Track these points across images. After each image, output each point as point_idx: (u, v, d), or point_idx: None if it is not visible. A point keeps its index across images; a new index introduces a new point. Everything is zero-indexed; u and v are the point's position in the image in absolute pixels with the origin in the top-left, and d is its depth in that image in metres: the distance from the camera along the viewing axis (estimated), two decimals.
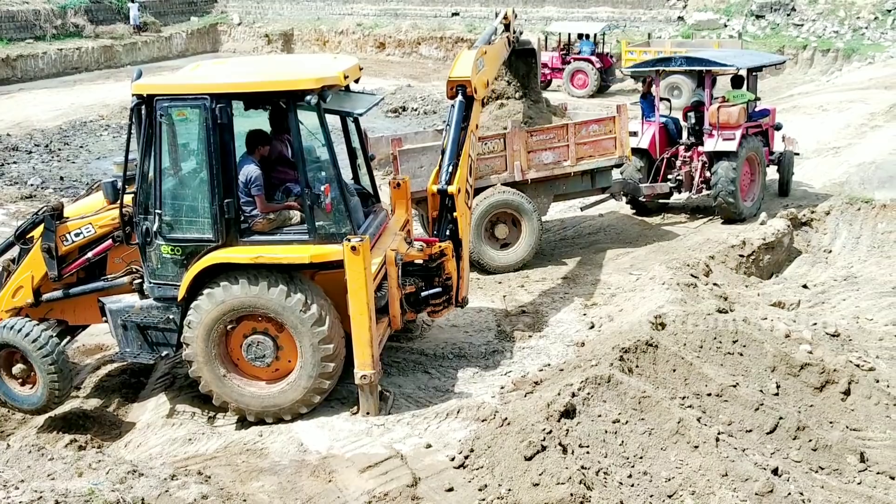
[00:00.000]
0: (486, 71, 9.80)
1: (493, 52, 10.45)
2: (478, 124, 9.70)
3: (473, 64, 9.32)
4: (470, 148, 9.28)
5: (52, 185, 18.83)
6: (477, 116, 9.59)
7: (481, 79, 9.54)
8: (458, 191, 8.90)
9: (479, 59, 9.50)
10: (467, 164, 9.21)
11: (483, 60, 9.69)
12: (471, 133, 9.32)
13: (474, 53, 9.48)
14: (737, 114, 13.97)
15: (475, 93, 9.29)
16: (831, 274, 12.07)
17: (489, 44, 10.49)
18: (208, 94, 7.50)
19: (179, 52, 42.19)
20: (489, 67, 10.06)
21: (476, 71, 9.34)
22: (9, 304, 8.77)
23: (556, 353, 9.19)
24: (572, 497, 6.06)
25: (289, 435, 7.73)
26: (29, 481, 6.22)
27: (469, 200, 9.39)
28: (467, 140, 9.22)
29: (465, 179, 9.13)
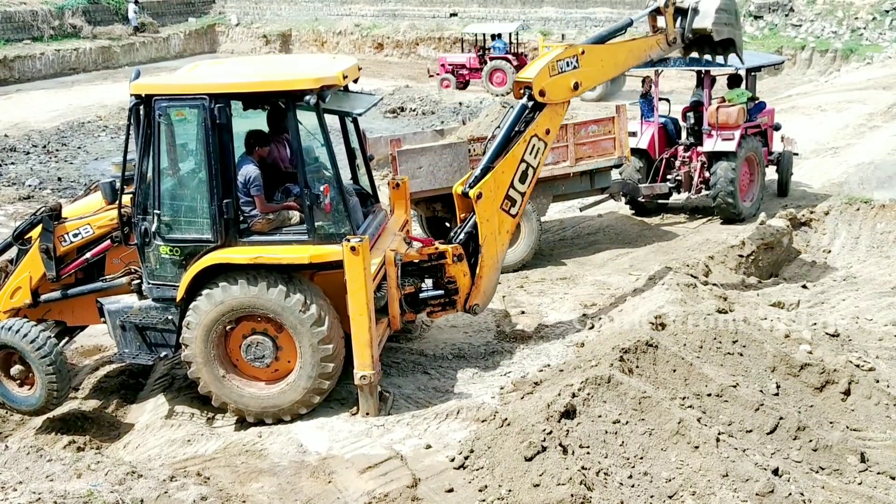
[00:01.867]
0: (577, 73, 8.92)
1: (602, 54, 9.36)
2: (549, 129, 8.95)
3: (546, 66, 8.72)
4: (527, 153, 8.76)
5: (50, 186, 18.80)
6: (547, 122, 8.92)
7: (559, 82, 8.82)
8: (477, 196, 8.54)
9: (562, 61, 8.83)
10: (512, 169, 8.69)
11: (576, 62, 8.91)
12: (529, 138, 8.78)
13: (556, 54, 8.88)
14: (736, 114, 13.97)
15: (542, 96, 8.73)
16: (831, 274, 12.06)
17: (601, 42, 9.50)
18: (207, 94, 7.48)
19: (177, 52, 42.18)
20: (590, 69, 9.11)
21: (549, 73, 8.73)
22: (7, 304, 8.74)
23: (555, 353, 9.17)
24: (573, 498, 6.05)
25: (288, 436, 7.71)
26: (27, 482, 6.20)
27: (515, 209, 8.85)
28: (519, 145, 8.72)
29: (500, 186, 8.64)
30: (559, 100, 8.95)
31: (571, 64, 8.91)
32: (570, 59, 8.88)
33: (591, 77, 9.23)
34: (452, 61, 30.92)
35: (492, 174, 8.59)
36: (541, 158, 8.96)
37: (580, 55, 8.97)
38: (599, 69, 9.33)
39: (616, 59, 9.55)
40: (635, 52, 9.73)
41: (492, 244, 8.69)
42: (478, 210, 8.55)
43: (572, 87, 8.94)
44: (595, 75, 9.36)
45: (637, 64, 9.68)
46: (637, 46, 9.82)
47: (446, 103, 27.37)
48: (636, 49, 9.77)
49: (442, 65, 31.18)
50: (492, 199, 8.60)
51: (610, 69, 9.62)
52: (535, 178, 8.99)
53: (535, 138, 8.80)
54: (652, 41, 9.82)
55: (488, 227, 8.63)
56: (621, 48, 9.66)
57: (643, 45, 9.80)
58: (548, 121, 8.93)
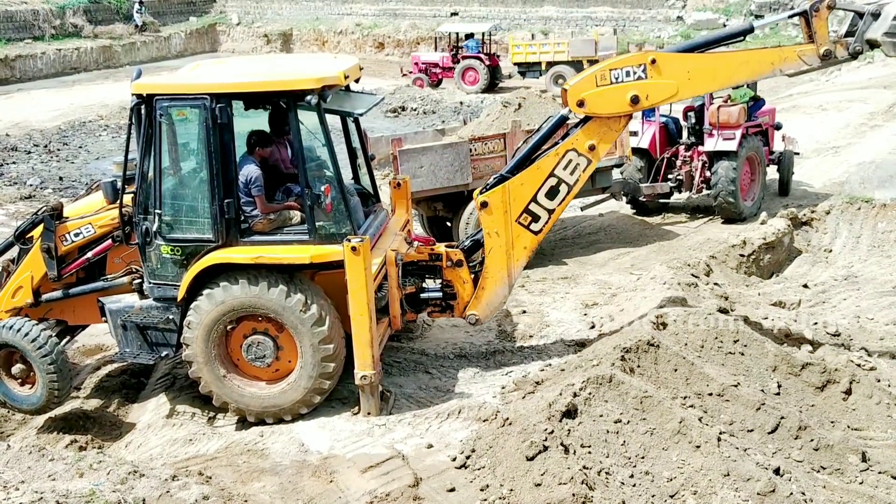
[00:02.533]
0: (641, 85, 7.74)
1: (689, 64, 7.83)
2: (594, 146, 7.86)
3: (593, 74, 7.75)
4: (560, 168, 7.90)
5: (52, 186, 18.81)
6: (591, 136, 7.86)
7: (608, 93, 7.72)
8: (482, 204, 8.02)
9: (619, 70, 7.71)
10: (536, 182, 7.94)
11: (643, 72, 7.69)
12: (564, 152, 7.89)
13: (613, 61, 7.84)
14: (737, 113, 13.97)
15: (580, 107, 7.78)
16: (832, 273, 12.06)
17: (696, 49, 8.13)
18: (208, 93, 7.48)
19: (178, 52, 42.21)
20: (664, 82, 7.75)
21: (596, 83, 7.73)
22: (8, 304, 8.74)
23: (556, 352, 9.17)
24: (574, 497, 6.05)
25: (290, 435, 7.71)
26: (29, 482, 6.21)
27: (538, 225, 8.07)
28: (549, 157, 7.93)
29: (517, 198, 7.97)
30: (606, 113, 7.82)
31: (634, 74, 7.73)
32: (632, 69, 7.73)
33: (664, 91, 7.79)
34: (426, 60, 31.36)
35: (506, 185, 7.96)
36: (581, 176, 7.95)
37: (648, 64, 7.70)
38: (685, 81, 7.80)
39: (717, 71, 7.91)
40: (754, 66, 7.97)
41: (500, 258, 8.11)
42: (482, 220, 8.12)
43: (629, 101, 7.70)
44: (674, 89, 7.80)
45: (753, 79, 8.34)
46: (760, 58, 7.96)
47: (447, 103, 27.38)
48: (757, 61, 7.94)
49: (415, 63, 31.65)
50: (501, 211, 7.99)
51: (704, 82, 8.03)
52: (571, 197, 8.10)
53: (572, 153, 7.87)
54: (790, 52, 7.95)
55: (495, 240, 8.07)
56: (731, 59, 7.97)
57: (772, 57, 7.92)
58: (593, 135, 7.86)
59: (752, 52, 8.09)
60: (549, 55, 29.54)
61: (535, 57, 29.88)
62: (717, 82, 8.21)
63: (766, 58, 7.93)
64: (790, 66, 7.92)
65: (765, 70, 7.96)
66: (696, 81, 7.88)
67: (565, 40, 30.20)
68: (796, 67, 7.98)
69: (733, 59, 7.94)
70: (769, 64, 7.92)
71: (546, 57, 29.53)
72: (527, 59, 30.06)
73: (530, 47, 30.16)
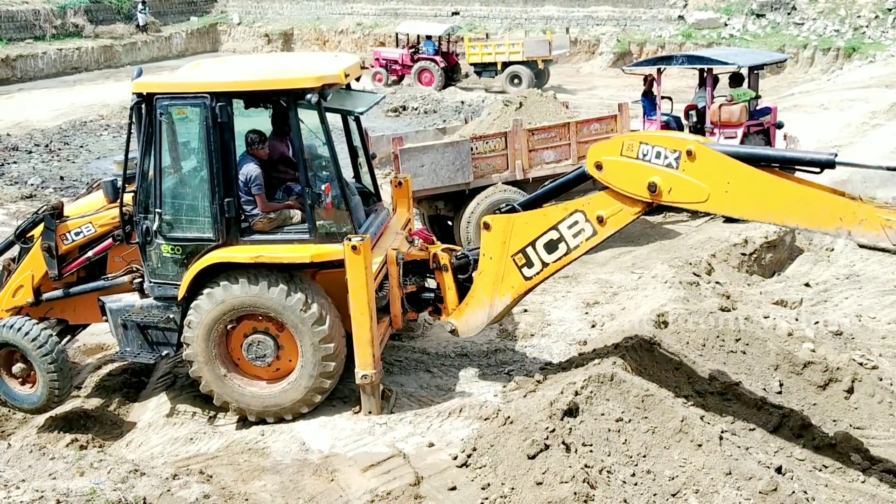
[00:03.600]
0: (666, 176, 6.43)
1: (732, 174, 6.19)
2: (602, 218, 6.90)
3: (622, 140, 6.75)
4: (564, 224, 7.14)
5: (52, 185, 18.80)
6: (601, 206, 6.93)
7: (628, 168, 6.62)
8: (484, 224, 7.52)
9: (649, 146, 6.49)
10: (538, 229, 7.27)
11: (674, 161, 6.38)
12: (572, 210, 7.07)
13: (647, 134, 6.90)
14: (738, 112, 13.95)
15: (598, 170, 6.84)
16: (833, 272, 12.03)
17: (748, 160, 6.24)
18: (208, 92, 7.46)
19: (179, 51, 42.23)
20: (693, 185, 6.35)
21: (620, 150, 6.67)
22: (9, 303, 8.75)
23: (558, 351, 9.16)
24: (576, 496, 6.03)
25: (290, 434, 7.70)
26: (30, 481, 6.20)
27: (530, 271, 7.44)
28: (556, 209, 7.22)
29: (517, 234, 7.38)
30: (621, 188, 6.72)
31: (664, 158, 6.39)
32: (665, 151, 6.40)
33: (691, 193, 6.36)
34: (386, 56, 31.86)
35: (512, 217, 7.44)
36: (582, 244, 7.12)
37: (684, 153, 6.29)
38: (720, 192, 6.22)
39: (765, 196, 6.09)
40: (815, 211, 5.94)
41: (487, 283, 7.64)
42: (482, 239, 7.66)
43: (647, 187, 6.51)
44: (703, 195, 6.31)
45: (807, 228, 6.14)
46: (828, 206, 5.91)
47: (448, 102, 27.38)
48: (823, 208, 5.92)
49: (377, 59, 32.27)
50: (499, 239, 7.45)
51: (744, 202, 6.21)
52: (568, 260, 7.34)
53: (580, 215, 7.02)
54: (871, 215, 5.75)
55: (487, 265, 7.60)
56: (789, 190, 6.04)
57: (843, 212, 5.84)
58: (604, 206, 6.89)
59: (822, 194, 5.97)
60: (505, 55, 29.86)
61: (490, 57, 30.25)
62: (760, 210, 6.16)
63: (835, 208, 5.85)
64: (864, 234, 5.80)
65: (827, 224, 5.89)
66: (735, 198, 6.20)
67: (519, 41, 30.58)
68: (873, 239, 5.82)
69: (792, 192, 6.00)
70: (836, 218, 5.83)
71: (501, 57, 29.91)
72: (482, 59, 30.48)
73: (486, 48, 30.65)
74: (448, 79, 30.89)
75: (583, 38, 36.94)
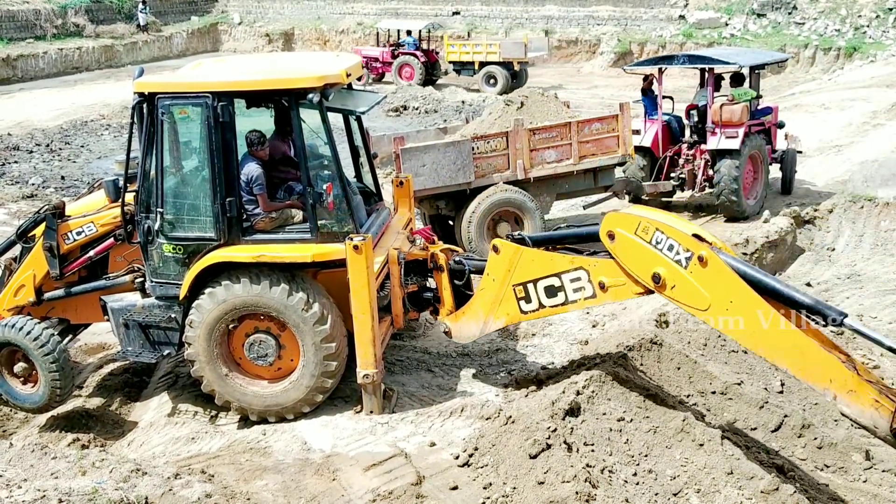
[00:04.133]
0: (671, 273, 6.31)
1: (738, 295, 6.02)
2: (604, 284, 6.83)
3: (641, 219, 6.52)
4: (567, 276, 7.02)
5: (54, 185, 18.79)
6: (604, 273, 6.82)
7: (638, 249, 6.50)
8: (494, 247, 7.44)
9: (664, 235, 6.33)
10: (543, 270, 7.16)
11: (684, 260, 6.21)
12: (577, 266, 6.97)
13: (668, 222, 6.47)
14: (739, 112, 13.94)
15: (610, 239, 6.67)
16: (834, 272, 12.04)
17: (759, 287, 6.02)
18: (210, 92, 7.47)
19: (180, 51, 42.22)
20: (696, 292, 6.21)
21: (635, 228, 6.50)
22: (11, 302, 8.75)
23: (559, 351, 9.16)
24: (577, 495, 6.03)
25: (292, 433, 7.70)
26: (32, 480, 6.20)
27: (527, 306, 7.36)
28: (562, 258, 7.10)
29: (523, 269, 7.27)
30: (626, 265, 6.61)
31: (676, 254, 6.25)
32: (679, 247, 6.22)
33: (693, 298, 6.23)
34: (367, 54, 32.03)
35: (522, 250, 7.31)
36: (580, 301, 7.08)
37: (696, 258, 6.13)
38: (720, 308, 6.08)
39: (760, 329, 5.94)
40: (808, 362, 5.83)
41: (485, 301, 7.64)
42: (488, 259, 7.60)
43: (652, 277, 6.40)
44: (704, 304, 6.18)
45: (796, 374, 6.03)
46: (820, 362, 5.76)
47: (449, 102, 27.37)
48: (815, 362, 5.79)
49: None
50: (505, 266, 7.38)
51: (739, 325, 6.06)
52: (563, 310, 7.34)
53: (584, 272, 6.93)
54: (863, 391, 5.60)
55: (490, 285, 7.54)
56: (787, 334, 5.86)
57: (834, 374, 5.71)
58: (608, 275, 6.79)
59: (819, 349, 5.76)
60: (482, 55, 30.25)
61: (468, 56, 30.64)
62: (754, 341, 6.04)
63: (829, 369, 5.69)
64: (849, 405, 5.64)
65: (816, 380, 5.80)
66: (733, 320, 6.06)
67: (497, 41, 31.11)
68: (856, 413, 5.67)
69: (791, 336, 5.83)
70: (826, 379, 5.71)
71: (479, 57, 30.30)
72: (461, 57, 30.87)
73: (464, 46, 31.18)
74: (428, 74, 31.28)
75: (584, 37, 36.95)
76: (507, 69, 29.62)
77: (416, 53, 31.04)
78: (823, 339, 5.88)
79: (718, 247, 6.31)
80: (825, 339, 5.90)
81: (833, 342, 5.89)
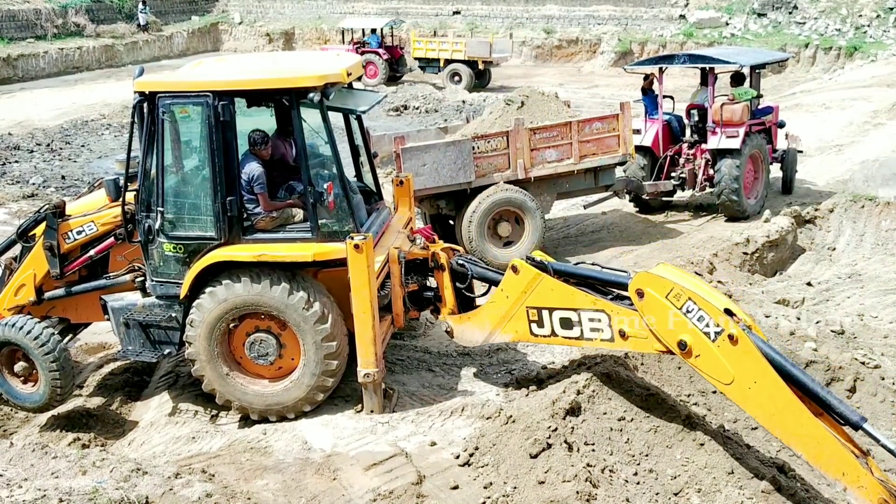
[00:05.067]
0: (698, 341, 6.25)
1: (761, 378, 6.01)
2: (624, 333, 6.77)
3: (673, 285, 6.39)
4: (586, 315, 6.97)
5: (54, 184, 18.80)
6: (627, 324, 6.73)
7: (666, 313, 6.39)
8: (512, 267, 7.33)
9: (697, 305, 6.25)
10: (561, 302, 7.10)
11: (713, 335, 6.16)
12: (600, 308, 6.86)
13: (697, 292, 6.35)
14: (740, 111, 13.94)
15: (639, 297, 6.56)
16: (835, 271, 12.03)
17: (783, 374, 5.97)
18: (211, 91, 7.46)
19: (180, 51, 42.23)
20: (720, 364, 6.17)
21: (666, 293, 6.38)
22: (11, 301, 8.75)
23: (560, 350, 9.13)
24: (578, 495, 6.04)
25: (293, 433, 7.70)
26: (32, 480, 6.20)
27: (539, 330, 7.29)
28: (585, 297, 6.97)
29: (540, 295, 7.21)
30: (653, 327, 6.53)
31: (706, 326, 6.19)
32: (710, 320, 6.17)
33: (717, 371, 6.20)
34: None
35: (542, 277, 7.20)
36: (596, 342, 7.05)
37: (726, 336, 6.09)
38: (743, 387, 6.08)
39: (779, 414, 5.97)
40: (822, 452, 5.81)
41: (494, 314, 7.58)
42: (505, 276, 7.48)
43: (677, 344, 6.35)
44: (727, 378, 6.15)
45: (807, 459, 5.97)
46: (834, 455, 5.77)
47: (449, 101, 27.39)
48: (829, 455, 5.78)
49: None
50: (521, 288, 7.28)
51: (759, 405, 6.06)
52: (578, 345, 7.37)
53: (605, 315, 6.87)
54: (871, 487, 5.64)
55: (502, 301, 7.46)
56: (806, 421, 5.86)
57: (847, 467, 5.72)
58: (629, 326, 6.73)
59: (835, 442, 5.75)
60: (448, 53, 30.81)
61: (434, 53, 31.11)
62: (772, 423, 6.04)
63: (842, 463, 5.70)
64: (858, 499, 5.67)
65: (828, 470, 5.80)
66: (754, 399, 6.05)
67: (462, 40, 31.62)
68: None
69: (809, 426, 5.82)
70: (839, 471, 5.72)
71: (444, 55, 30.84)
72: (426, 54, 31.35)
73: (430, 44, 31.66)
74: (392, 71, 31.75)
75: (584, 37, 36.95)
76: (472, 68, 30.32)
77: (379, 51, 31.49)
78: (838, 430, 5.92)
79: (748, 324, 6.24)
80: (840, 429, 5.93)
81: (849, 436, 5.92)
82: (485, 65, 30.66)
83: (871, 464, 5.84)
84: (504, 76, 32.85)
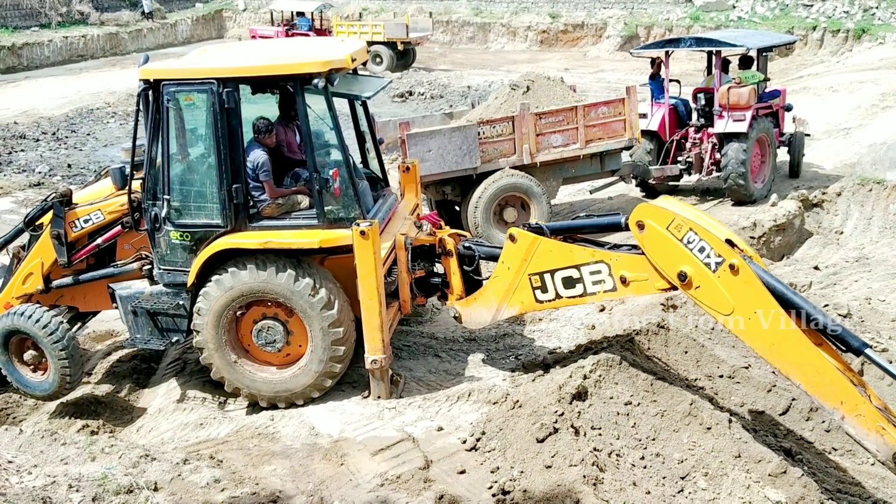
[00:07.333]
0: (698, 272, 6.19)
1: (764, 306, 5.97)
2: (625, 279, 6.73)
3: (673, 215, 6.38)
4: (586, 268, 6.91)
5: (60, 173, 18.86)
6: (627, 267, 6.71)
7: (667, 244, 6.37)
8: (510, 236, 7.28)
9: (697, 236, 6.18)
10: (561, 261, 7.03)
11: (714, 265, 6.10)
12: (599, 259, 6.83)
13: (696, 222, 6.30)
14: (747, 95, 13.86)
15: (640, 229, 6.54)
16: (843, 255, 11.99)
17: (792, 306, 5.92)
18: (215, 78, 7.45)
19: (185, 38, 42.21)
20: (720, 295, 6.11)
21: (666, 223, 6.36)
22: (19, 290, 8.78)
23: (566, 335, 9.15)
24: (585, 479, 6.05)
25: (300, 419, 7.73)
26: (42, 466, 6.25)
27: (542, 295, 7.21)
28: (582, 251, 6.96)
29: (539, 259, 7.15)
30: (653, 259, 6.48)
31: (706, 256, 6.13)
32: (711, 250, 6.11)
33: (717, 302, 6.14)
34: (262, 34, 33.30)
35: (539, 240, 7.17)
36: (599, 294, 6.97)
37: (727, 266, 6.03)
38: (744, 316, 6.03)
39: (777, 344, 5.94)
40: (821, 381, 5.79)
41: (498, 289, 7.51)
42: (504, 248, 7.43)
43: (677, 275, 6.30)
44: (727, 309, 6.11)
45: (806, 390, 5.92)
46: (833, 382, 5.75)
47: (454, 87, 27.32)
48: (828, 382, 5.76)
49: (253, 36, 33.71)
50: (521, 256, 7.23)
51: (759, 334, 6.01)
52: (584, 302, 7.26)
53: (605, 266, 6.81)
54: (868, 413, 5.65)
55: (504, 273, 7.38)
56: (804, 350, 5.84)
57: (845, 395, 5.72)
58: (631, 269, 6.69)
59: (834, 371, 5.74)
60: (368, 35, 31.55)
61: (355, 36, 31.62)
62: (771, 353, 6.01)
63: (841, 391, 5.69)
64: (855, 427, 5.70)
65: (826, 399, 5.77)
66: (754, 329, 6.01)
67: (381, 22, 32.49)
68: (861, 436, 5.71)
69: (809, 354, 5.80)
70: (837, 400, 5.71)
71: (365, 37, 31.31)
72: (349, 37, 31.57)
73: (352, 27, 32.62)
74: None
75: (590, 21, 36.77)
76: (392, 49, 31.28)
77: (309, 34, 31.97)
78: (838, 359, 5.87)
79: (749, 255, 6.21)
80: (840, 359, 5.89)
81: (848, 364, 5.89)
82: (404, 45, 31.50)
83: (870, 392, 5.78)
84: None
